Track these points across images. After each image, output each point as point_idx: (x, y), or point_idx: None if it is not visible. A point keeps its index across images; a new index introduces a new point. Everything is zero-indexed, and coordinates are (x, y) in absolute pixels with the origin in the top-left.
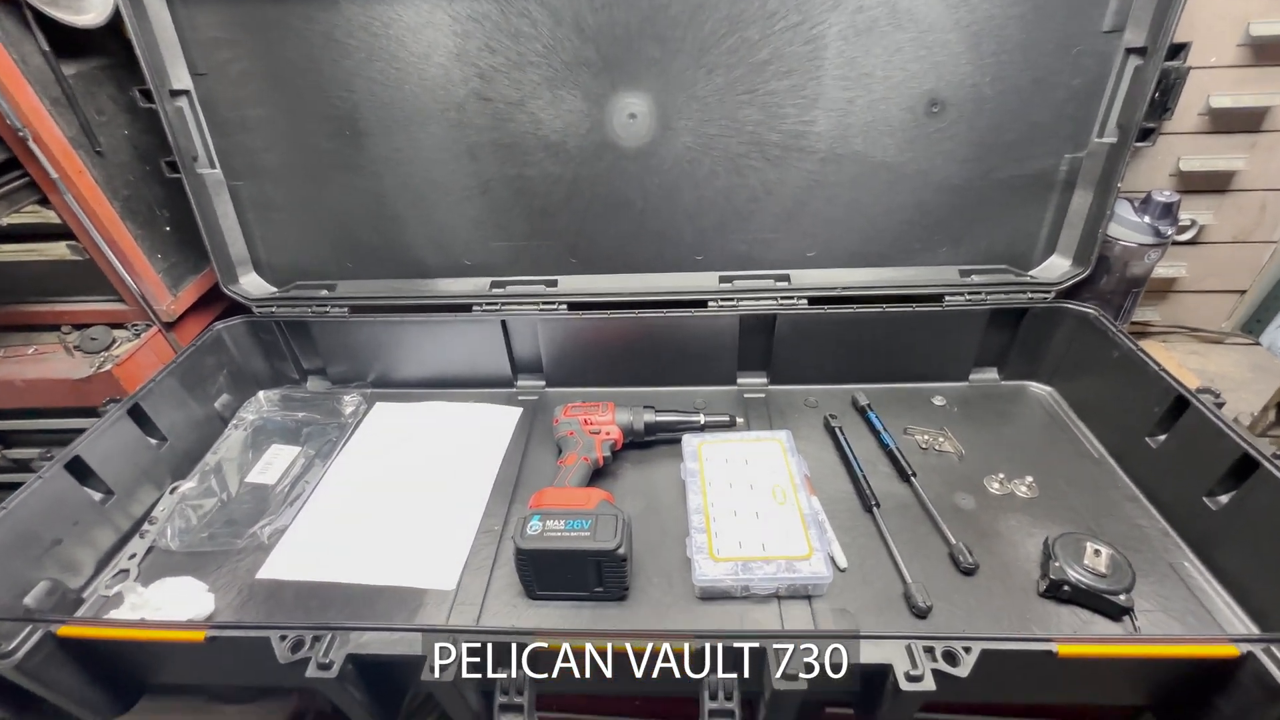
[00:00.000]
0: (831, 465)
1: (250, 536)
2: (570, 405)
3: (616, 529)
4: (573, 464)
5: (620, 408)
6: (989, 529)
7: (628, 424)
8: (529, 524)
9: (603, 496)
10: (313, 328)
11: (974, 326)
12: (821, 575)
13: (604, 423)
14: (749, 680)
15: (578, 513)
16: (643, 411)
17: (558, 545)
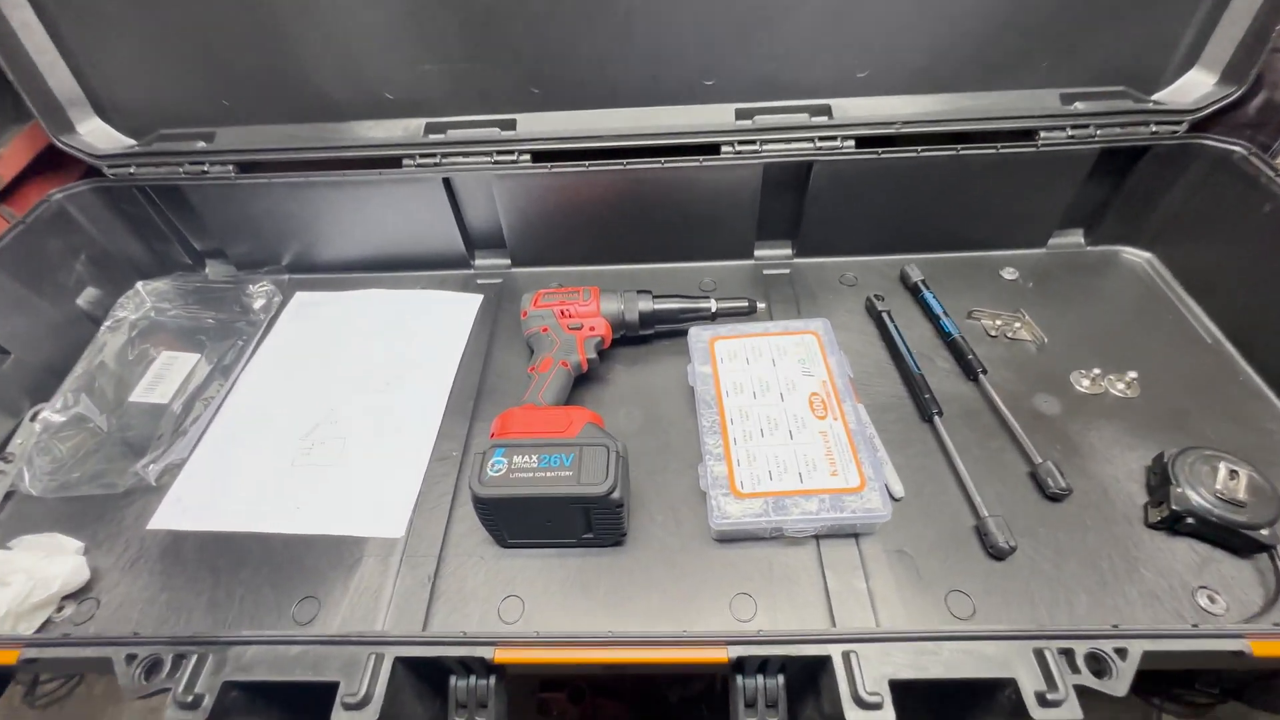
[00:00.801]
0: (877, 362)
1: (133, 476)
2: (542, 292)
3: (608, 466)
4: (549, 371)
5: (607, 294)
6: (1079, 440)
7: (617, 314)
8: (490, 462)
9: (588, 418)
10: (190, 195)
11: (1073, 173)
12: (877, 512)
13: (586, 314)
14: (799, 687)
15: (556, 443)
16: (636, 298)
17: (530, 491)
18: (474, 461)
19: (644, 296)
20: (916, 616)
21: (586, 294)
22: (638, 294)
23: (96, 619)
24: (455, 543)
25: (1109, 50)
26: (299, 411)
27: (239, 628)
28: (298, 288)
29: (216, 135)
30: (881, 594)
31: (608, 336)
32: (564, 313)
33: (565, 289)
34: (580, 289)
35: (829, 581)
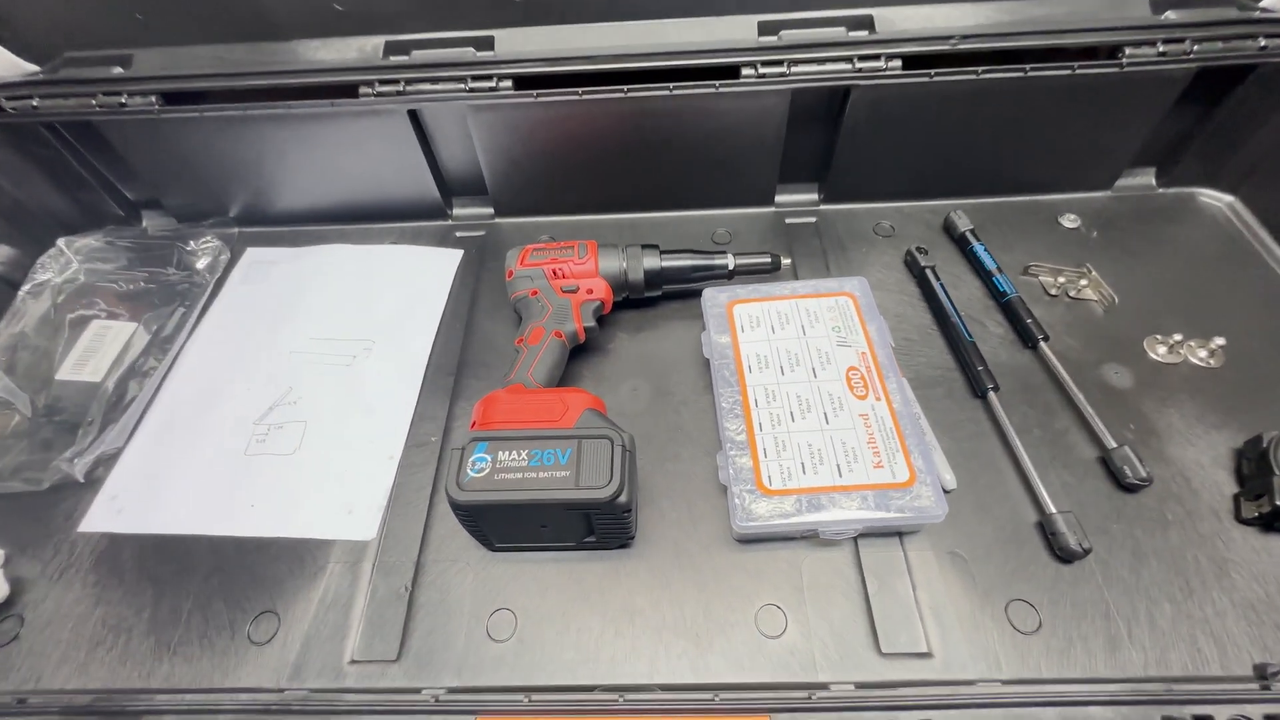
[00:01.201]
0: (919, 327)
1: (57, 471)
2: (531, 248)
3: (612, 464)
4: (539, 343)
5: (606, 249)
6: (1155, 418)
7: (618, 273)
8: (469, 461)
9: (588, 402)
10: (108, 132)
11: (1160, 100)
12: (929, 512)
13: (583, 273)
14: None
15: (549, 436)
16: (641, 253)
17: (519, 495)
18: (451, 459)
19: (650, 252)
20: (974, 633)
21: (583, 250)
22: (642, 249)
23: (21, 641)
24: (436, 545)
25: None
26: (252, 391)
27: (185, 649)
28: (248, 243)
29: (134, 59)
30: (931, 605)
31: (608, 300)
32: (556, 272)
33: (558, 244)
34: (575, 244)
35: (869, 589)
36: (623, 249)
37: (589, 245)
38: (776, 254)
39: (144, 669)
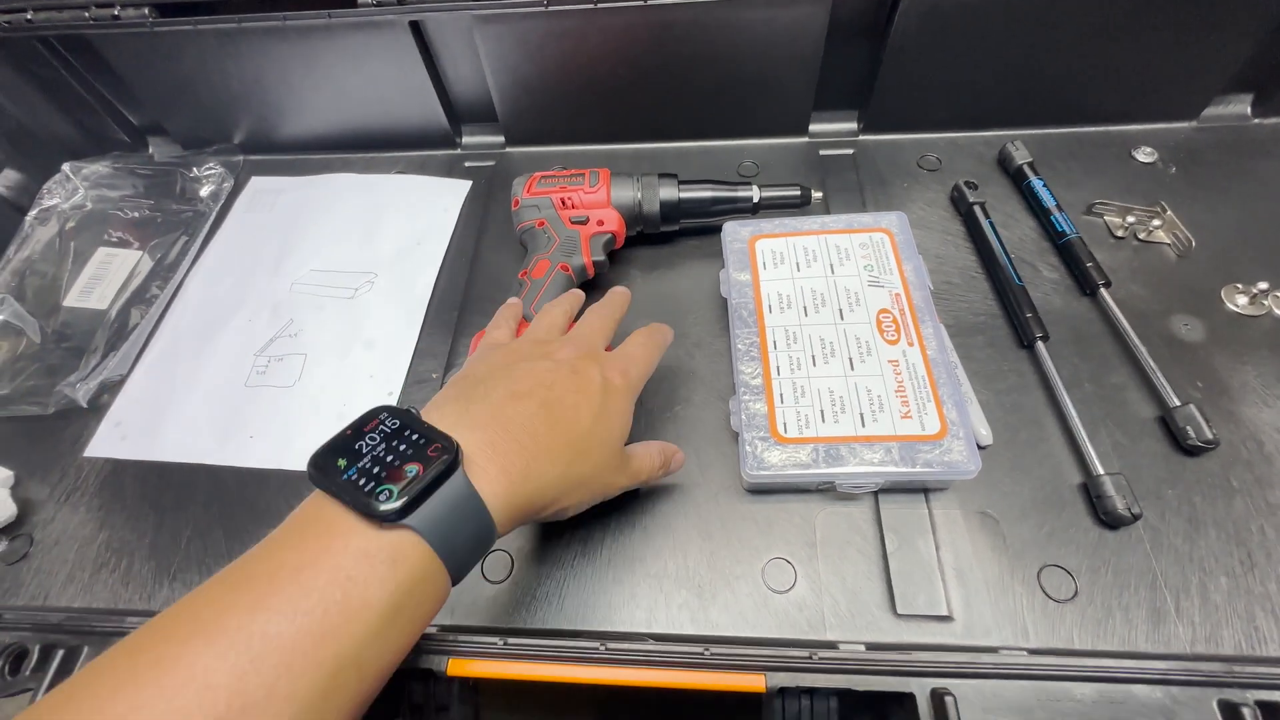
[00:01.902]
0: (963, 269)
1: (61, 396)
2: (539, 175)
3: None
4: (544, 276)
5: (620, 178)
6: (1228, 376)
7: (632, 204)
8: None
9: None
10: (104, 48)
11: (1260, 10)
12: (961, 467)
13: (594, 204)
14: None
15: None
16: (657, 183)
17: None
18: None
19: (667, 182)
20: (1001, 598)
21: (594, 178)
22: (659, 179)
23: (30, 559)
24: None
25: None
26: (254, 322)
27: (184, 575)
28: (254, 171)
29: None
30: (956, 566)
31: (620, 233)
32: (565, 201)
33: (568, 171)
34: (586, 172)
35: (888, 547)
36: (638, 178)
37: (601, 173)
38: (807, 186)
39: (145, 591)
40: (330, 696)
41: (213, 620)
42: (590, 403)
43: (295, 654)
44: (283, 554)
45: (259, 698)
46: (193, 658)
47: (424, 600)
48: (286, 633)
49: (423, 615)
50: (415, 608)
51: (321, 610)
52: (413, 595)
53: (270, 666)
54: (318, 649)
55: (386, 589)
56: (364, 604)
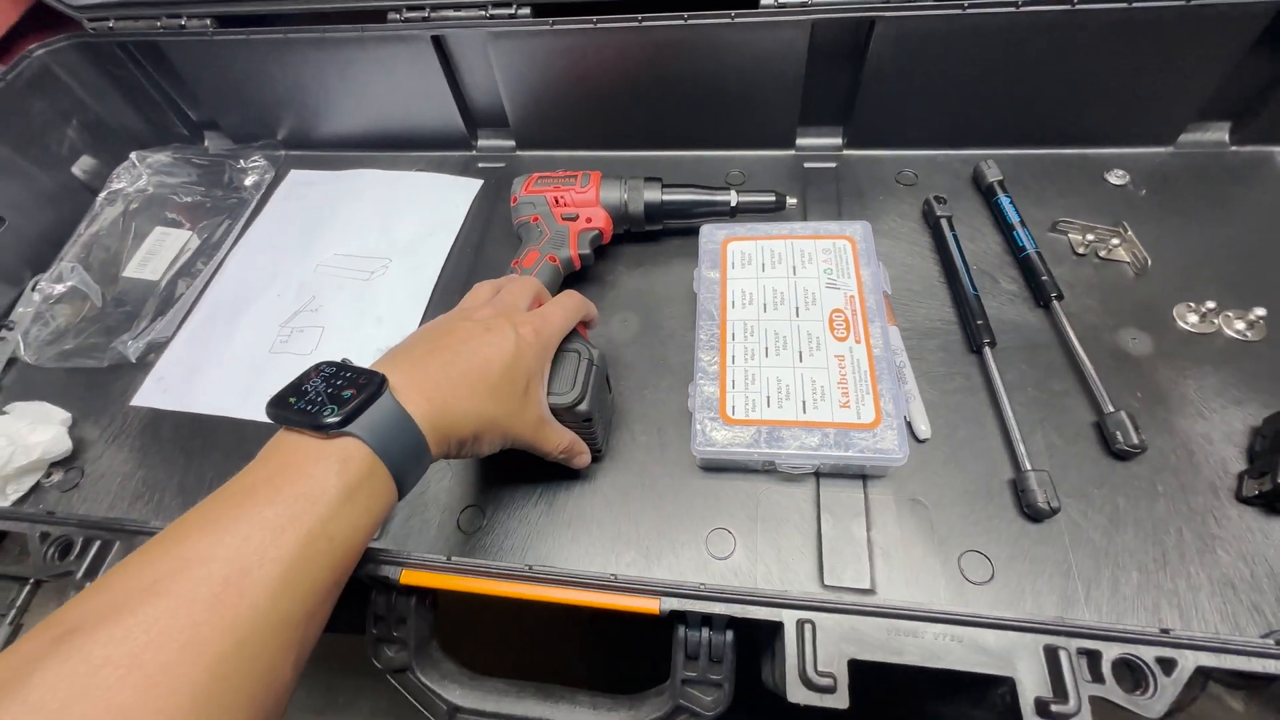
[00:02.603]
0: (925, 278)
1: (114, 352)
2: (537, 176)
3: (577, 374)
4: (533, 266)
5: (609, 180)
6: (1169, 388)
7: (618, 204)
8: None
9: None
10: (171, 53)
11: (1236, 39)
12: (889, 454)
13: (583, 202)
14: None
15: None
16: (642, 186)
17: None
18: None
19: (652, 185)
20: (921, 576)
21: (585, 179)
22: (645, 182)
23: (80, 489)
24: None
25: None
26: (282, 297)
27: None
28: (293, 165)
29: None
30: (884, 546)
31: (607, 230)
32: (558, 200)
33: (563, 173)
34: (579, 174)
35: (823, 526)
36: (625, 181)
37: (592, 175)
38: (782, 193)
39: (171, 520)
40: (309, 560)
41: (210, 521)
42: (501, 354)
43: (275, 530)
44: (255, 474)
45: (252, 563)
46: (196, 541)
47: (374, 493)
48: (267, 516)
49: (376, 507)
50: (367, 497)
51: (291, 499)
52: (363, 487)
53: (257, 541)
54: (293, 525)
55: (341, 479)
56: (323, 490)
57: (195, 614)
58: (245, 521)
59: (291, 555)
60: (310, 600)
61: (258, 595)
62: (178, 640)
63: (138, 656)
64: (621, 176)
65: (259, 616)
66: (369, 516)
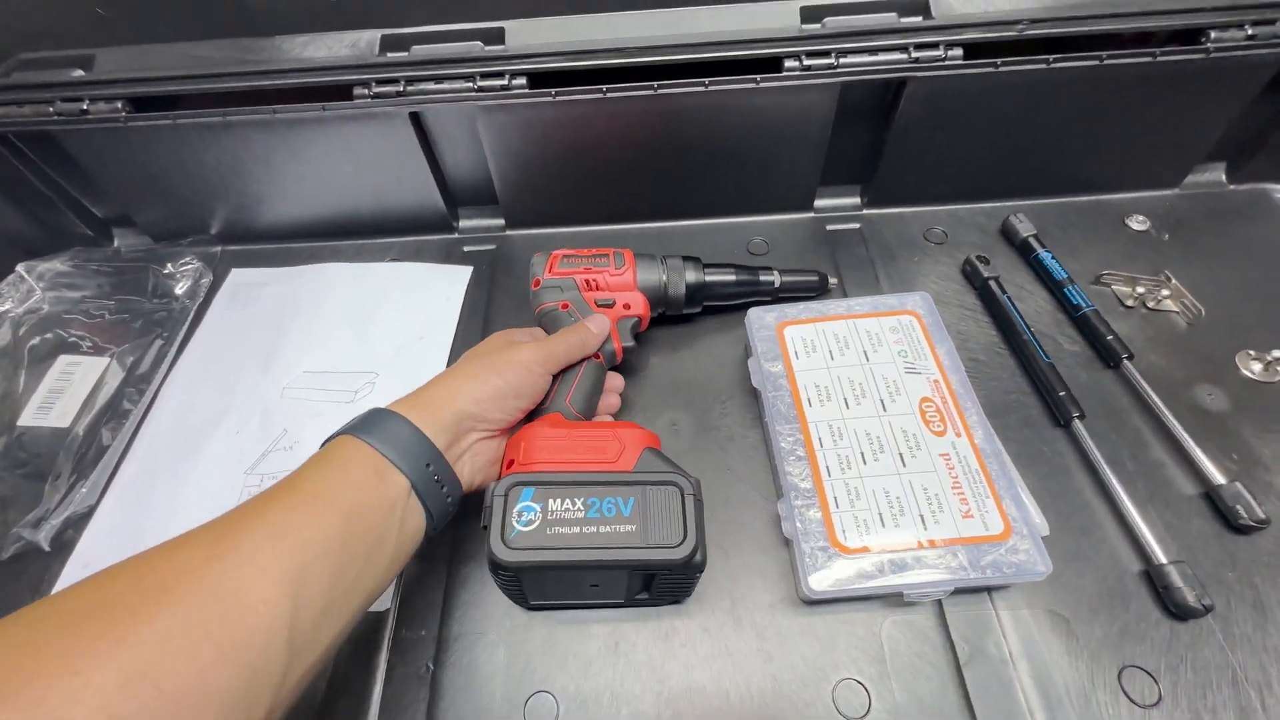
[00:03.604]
0: (984, 344)
1: (16, 539)
2: (561, 254)
3: (684, 517)
4: (578, 366)
5: (644, 260)
6: (1258, 446)
7: (658, 287)
8: (515, 510)
9: (644, 439)
10: (69, 144)
11: (1246, 88)
12: (1030, 569)
13: (620, 285)
14: None
15: (608, 481)
16: (683, 266)
17: (577, 555)
18: (492, 508)
19: (692, 265)
20: (1085, 708)
21: (619, 259)
22: (684, 261)
23: None
24: (459, 614)
25: None
26: (241, 435)
27: None
28: (232, 263)
29: (96, 59)
30: (1034, 675)
31: (646, 317)
32: (590, 283)
33: (589, 251)
34: (610, 252)
35: (960, 657)
36: (662, 260)
37: (625, 255)
38: (824, 273)
39: None
40: (346, 536)
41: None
42: (496, 346)
43: (307, 502)
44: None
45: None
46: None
47: (347, 456)
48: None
49: (379, 492)
50: (341, 460)
51: (308, 490)
52: (335, 455)
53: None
54: (329, 493)
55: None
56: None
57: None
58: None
59: (330, 527)
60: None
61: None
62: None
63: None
64: (655, 255)
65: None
66: (377, 507)
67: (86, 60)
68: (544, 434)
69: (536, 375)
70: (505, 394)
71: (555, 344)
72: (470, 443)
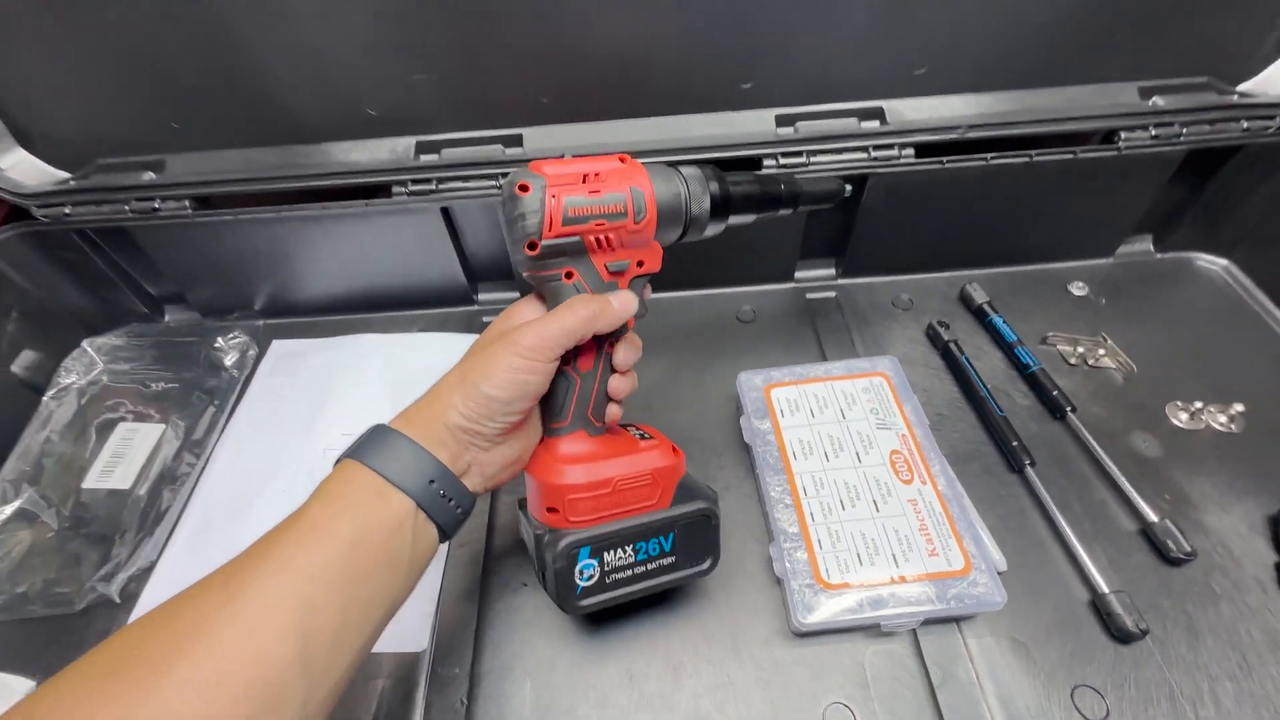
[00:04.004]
0: (949, 401)
1: (91, 592)
2: (560, 193)
3: (709, 538)
4: (593, 368)
5: (660, 171)
6: (1188, 487)
7: (675, 205)
8: (578, 571)
9: (674, 466)
10: (139, 236)
11: (1156, 177)
12: (989, 599)
13: (638, 243)
14: None
15: (650, 524)
16: (705, 177)
17: (630, 590)
18: (554, 564)
19: (713, 174)
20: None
21: (639, 202)
22: (702, 170)
23: None
24: (490, 651)
25: (1191, 36)
26: (289, 492)
27: None
28: (273, 334)
29: (166, 164)
30: (998, 695)
31: (658, 264)
32: (602, 241)
33: (588, 170)
34: (625, 186)
35: (934, 681)
36: (678, 171)
37: (641, 185)
38: (841, 180)
39: None
40: (351, 561)
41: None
42: (493, 335)
43: (308, 533)
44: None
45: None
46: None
47: (347, 478)
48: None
49: (354, 491)
50: (341, 484)
51: (309, 522)
52: (336, 484)
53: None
54: (329, 521)
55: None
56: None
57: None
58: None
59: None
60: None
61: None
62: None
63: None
64: (669, 165)
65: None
66: (377, 518)
67: (158, 164)
68: (583, 488)
69: (532, 372)
70: (495, 405)
71: (553, 326)
72: (473, 455)
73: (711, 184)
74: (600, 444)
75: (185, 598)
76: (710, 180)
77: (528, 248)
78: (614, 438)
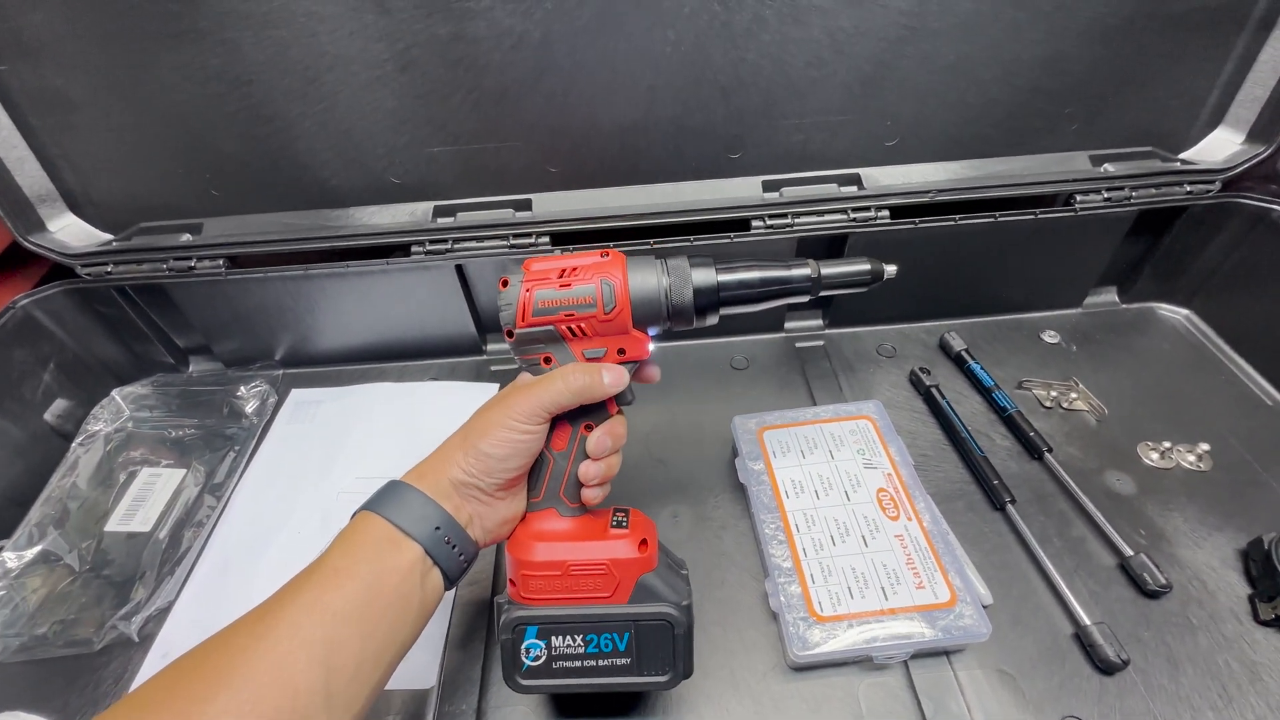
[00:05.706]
0: (933, 443)
1: (111, 631)
2: (534, 286)
3: (674, 649)
4: (567, 447)
5: (639, 263)
6: (1162, 523)
7: (654, 297)
8: (524, 648)
9: (642, 558)
10: (174, 293)
11: (1111, 235)
12: (974, 630)
13: (611, 330)
14: None
15: (603, 618)
16: (689, 267)
17: (578, 684)
18: (499, 635)
19: (701, 264)
20: None
21: (608, 293)
22: (690, 261)
23: None
24: (496, 688)
25: (1135, 111)
26: (303, 535)
27: None
28: (292, 383)
29: (204, 226)
30: None
31: (644, 357)
32: (575, 330)
33: (571, 266)
34: (595, 280)
35: (926, 714)
36: (664, 262)
37: (615, 283)
38: (876, 261)
39: None
40: (367, 602)
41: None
42: (496, 400)
43: (331, 577)
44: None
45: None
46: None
47: (358, 527)
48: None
49: (367, 539)
50: (352, 533)
51: (332, 567)
52: (353, 535)
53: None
54: (350, 566)
55: (360, 536)
56: (354, 544)
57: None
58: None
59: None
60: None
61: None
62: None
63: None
64: (653, 256)
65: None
66: (355, 548)
67: (196, 227)
68: (539, 568)
69: (524, 433)
70: (491, 461)
71: (544, 393)
72: (474, 508)
73: (697, 273)
74: (569, 525)
75: (219, 638)
76: (697, 269)
77: (507, 335)
78: (587, 520)
